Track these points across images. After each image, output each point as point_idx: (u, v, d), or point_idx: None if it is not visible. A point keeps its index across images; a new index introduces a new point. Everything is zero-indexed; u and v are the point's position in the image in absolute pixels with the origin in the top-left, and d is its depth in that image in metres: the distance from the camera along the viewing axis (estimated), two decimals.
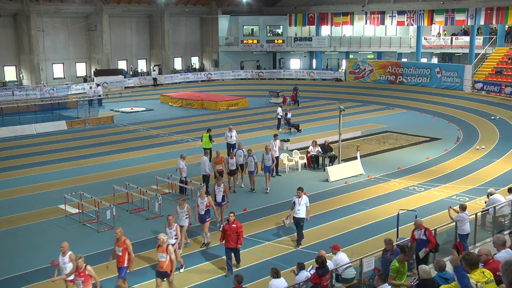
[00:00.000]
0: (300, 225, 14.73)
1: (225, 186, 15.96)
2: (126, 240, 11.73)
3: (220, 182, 15.77)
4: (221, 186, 15.69)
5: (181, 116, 36.30)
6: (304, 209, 14.66)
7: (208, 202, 14.49)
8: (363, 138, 28.46)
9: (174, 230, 12.85)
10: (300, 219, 14.64)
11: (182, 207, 14.12)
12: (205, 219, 14.45)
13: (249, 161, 19.53)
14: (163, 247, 11.37)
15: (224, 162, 19.09)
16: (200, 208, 14.40)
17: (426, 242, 11.57)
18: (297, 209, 14.65)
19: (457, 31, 49.18)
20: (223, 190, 15.69)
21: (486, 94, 38.61)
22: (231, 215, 13.02)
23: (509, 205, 14.31)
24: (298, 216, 14.63)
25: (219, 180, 15.87)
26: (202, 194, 14.56)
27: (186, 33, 54.22)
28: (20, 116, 32.86)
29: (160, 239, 11.44)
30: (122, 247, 11.69)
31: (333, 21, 50.73)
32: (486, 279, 7.18)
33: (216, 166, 18.79)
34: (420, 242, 11.63)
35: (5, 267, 13.60)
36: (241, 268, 13.18)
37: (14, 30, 43.88)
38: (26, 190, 19.98)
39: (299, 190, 14.89)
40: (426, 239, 11.57)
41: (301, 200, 14.67)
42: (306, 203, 14.75)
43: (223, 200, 15.76)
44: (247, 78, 52.46)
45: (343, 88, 45.94)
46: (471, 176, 21.16)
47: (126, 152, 25.89)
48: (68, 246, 11.37)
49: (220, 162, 18.86)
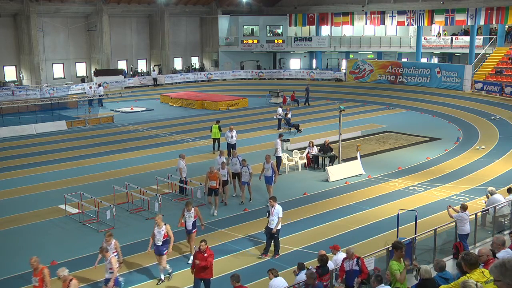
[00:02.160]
0: (273, 236, 14.02)
1: (197, 210, 13.89)
2: (43, 269, 10.50)
3: (190, 207, 13.69)
4: (192, 211, 13.66)
5: (181, 116, 36.30)
6: (276, 219, 13.92)
7: (166, 231, 12.66)
8: (363, 138, 28.47)
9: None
10: (271, 229, 13.97)
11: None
12: (162, 251, 12.57)
13: (243, 171, 18.21)
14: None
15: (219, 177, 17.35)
16: (157, 238, 12.54)
17: (358, 272, 10.40)
18: (270, 219, 13.98)
19: (457, 31, 49.19)
20: (194, 215, 13.70)
21: (486, 94, 38.60)
22: (202, 244, 11.60)
23: (509, 205, 14.32)
24: (271, 226, 13.97)
25: (189, 205, 13.73)
26: (159, 222, 12.62)
27: (186, 33, 54.22)
28: (20, 116, 32.87)
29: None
30: (39, 276, 10.48)
31: (333, 21, 50.74)
32: (486, 279, 7.16)
33: (210, 182, 17.09)
34: (352, 273, 10.45)
35: (5, 267, 13.61)
36: (242, 268, 13.17)
37: (14, 30, 43.88)
38: (26, 190, 19.99)
39: (271, 200, 14.30)
40: (359, 269, 10.42)
41: (273, 209, 13.97)
42: (278, 213, 13.99)
43: (194, 227, 13.78)
44: (247, 78, 52.46)
45: (343, 88, 45.95)
46: (471, 176, 21.16)
47: (126, 152, 25.89)
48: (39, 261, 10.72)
49: (214, 178, 17.07)
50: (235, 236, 15.53)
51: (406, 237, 12.83)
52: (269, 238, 14.14)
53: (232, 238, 15.39)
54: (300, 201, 18.66)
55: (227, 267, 13.44)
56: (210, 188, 17.17)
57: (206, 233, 15.71)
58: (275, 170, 18.61)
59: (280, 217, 14.02)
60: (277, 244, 14.18)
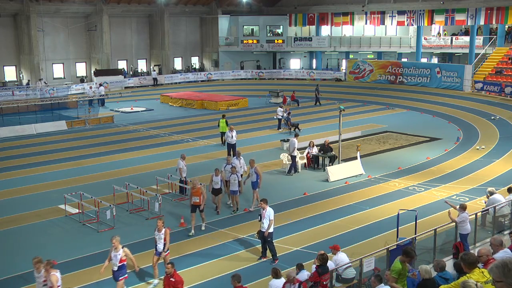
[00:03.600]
0: (266, 240, 13.69)
1: (166, 232, 12.72)
2: None
3: (161, 228, 12.65)
4: (162, 233, 12.64)
5: (181, 116, 36.30)
6: (267, 222, 13.57)
7: (124, 254, 11.52)
8: (363, 138, 28.46)
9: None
10: (264, 233, 13.67)
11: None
12: (118, 277, 11.63)
13: (231, 179, 17.11)
14: None
15: (202, 192, 15.87)
16: (113, 262, 11.57)
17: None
18: (262, 222, 13.66)
19: (457, 31, 49.18)
20: (164, 238, 12.69)
21: (486, 94, 38.60)
22: (168, 266, 10.87)
23: (509, 205, 14.31)
24: (263, 230, 13.66)
25: (160, 224, 12.67)
26: (116, 244, 11.51)
27: (186, 33, 54.22)
28: (20, 116, 32.86)
29: None
30: None
31: (333, 21, 50.74)
32: (486, 279, 7.17)
33: (193, 198, 15.49)
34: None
35: (5, 267, 13.61)
36: (241, 268, 13.17)
37: (14, 30, 43.90)
38: (26, 190, 19.98)
39: (262, 202, 13.90)
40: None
41: (265, 212, 13.62)
42: (269, 216, 13.60)
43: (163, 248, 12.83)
44: (247, 78, 52.47)
45: (343, 88, 45.95)
46: (471, 176, 21.16)
47: (126, 152, 25.89)
48: None
49: (197, 194, 15.35)
50: (235, 236, 15.52)
51: (406, 237, 12.86)
52: (263, 241, 13.89)
53: (232, 238, 15.39)
54: (300, 201, 18.65)
55: (227, 267, 13.45)
56: (193, 204, 15.51)
57: (206, 233, 15.76)
58: (260, 174, 17.64)
59: (271, 219, 13.59)
60: (272, 248, 13.75)
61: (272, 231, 13.77)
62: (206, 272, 13.32)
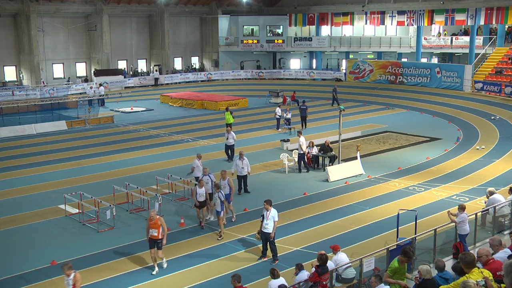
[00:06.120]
0: (269, 241, 13.63)
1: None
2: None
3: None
4: None
5: (181, 116, 36.30)
6: (272, 223, 13.48)
7: (74, 281, 10.46)
8: (363, 138, 28.46)
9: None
10: (268, 234, 13.54)
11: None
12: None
13: (214, 198, 15.59)
14: None
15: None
16: None
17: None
18: (265, 223, 13.51)
19: (457, 31, 49.19)
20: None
21: (486, 94, 38.60)
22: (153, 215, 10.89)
23: (509, 205, 14.31)
24: (265, 231, 13.53)
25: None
26: (68, 273, 10.45)
27: (186, 33, 54.22)
28: (20, 116, 32.89)
29: None
30: None
31: (333, 21, 50.73)
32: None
33: (150, 231, 13.14)
34: None
35: (5, 267, 13.60)
36: (241, 268, 13.17)
37: (14, 30, 43.89)
38: (26, 190, 19.98)
39: (266, 203, 13.64)
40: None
41: (269, 213, 13.48)
42: (274, 217, 13.51)
43: None
44: (247, 78, 52.47)
45: (343, 88, 45.88)
46: (471, 176, 21.15)
47: (126, 152, 25.89)
48: None
49: (155, 226, 13.06)
50: (235, 236, 15.52)
51: (406, 237, 12.86)
52: (265, 242, 13.86)
53: (232, 238, 15.38)
54: (300, 201, 18.65)
55: (227, 267, 13.45)
56: (151, 238, 13.16)
57: (206, 233, 15.76)
58: (232, 186, 16.58)
59: (276, 220, 13.55)
60: (274, 248, 13.73)
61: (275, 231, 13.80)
62: (206, 272, 13.30)
